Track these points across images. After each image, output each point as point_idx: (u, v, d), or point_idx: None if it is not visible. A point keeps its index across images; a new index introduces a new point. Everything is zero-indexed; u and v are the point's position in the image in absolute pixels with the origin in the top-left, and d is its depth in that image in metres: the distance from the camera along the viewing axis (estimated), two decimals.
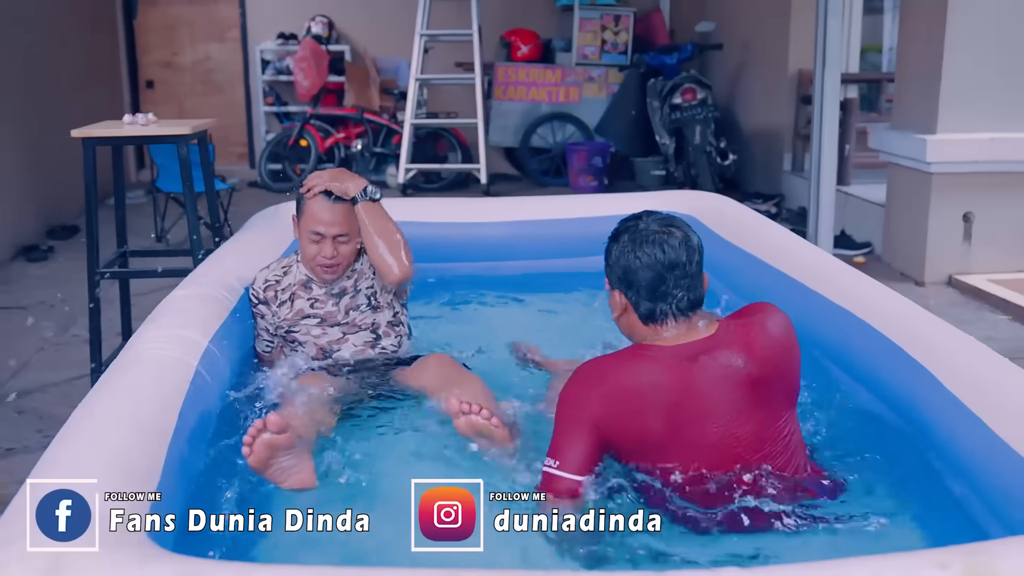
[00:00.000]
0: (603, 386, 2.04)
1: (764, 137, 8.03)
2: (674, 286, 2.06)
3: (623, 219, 2.17)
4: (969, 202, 5.28)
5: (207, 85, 9.62)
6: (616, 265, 2.10)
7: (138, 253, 4.26)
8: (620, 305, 2.12)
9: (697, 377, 2.02)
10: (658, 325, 2.08)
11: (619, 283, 2.10)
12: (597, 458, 2.04)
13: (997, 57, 5.13)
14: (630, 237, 2.08)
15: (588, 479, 2.01)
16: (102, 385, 2.29)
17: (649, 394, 2.01)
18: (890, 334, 2.68)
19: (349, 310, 2.93)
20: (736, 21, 8.43)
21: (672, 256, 2.05)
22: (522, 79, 8.82)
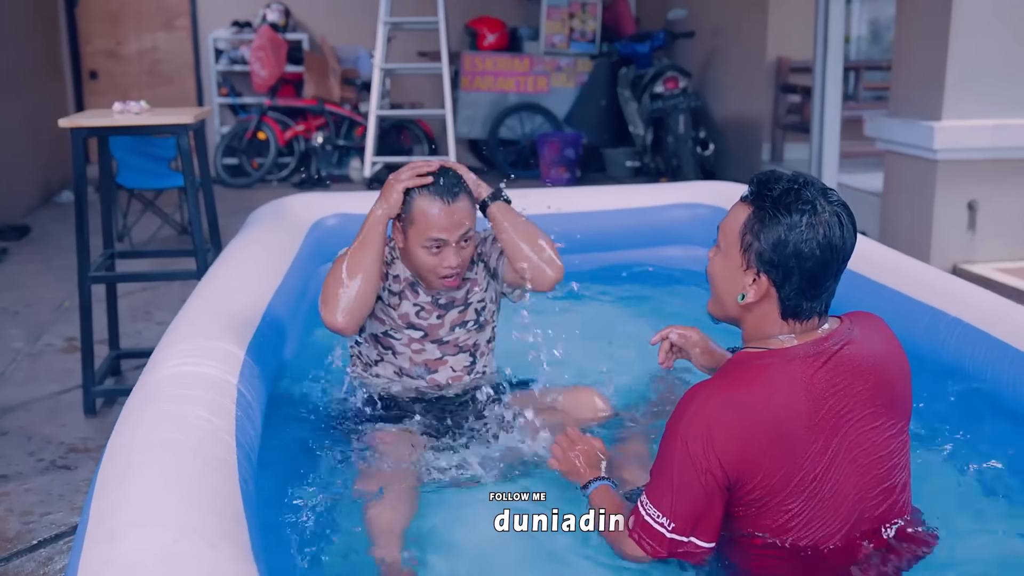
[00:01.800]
0: (734, 425, 1.65)
1: (740, 126, 7.90)
2: (833, 280, 1.71)
3: (770, 183, 1.68)
4: (974, 190, 5.18)
5: (155, 76, 9.15)
6: (778, 244, 1.65)
7: (127, 255, 3.91)
8: (760, 292, 1.70)
9: (831, 376, 1.71)
10: (798, 323, 1.73)
11: (770, 267, 1.67)
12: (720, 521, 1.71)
13: (1001, 43, 5.03)
14: (806, 221, 1.64)
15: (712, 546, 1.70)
16: (142, 410, 1.98)
17: (791, 416, 1.68)
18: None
19: (455, 326, 2.47)
20: (707, 8, 8.29)
21: (849, 245, 1.69)
22: (489, 69, 8.56)
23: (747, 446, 1.64)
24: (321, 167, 8.47)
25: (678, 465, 1.67)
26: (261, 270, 3.00)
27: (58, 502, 2.85)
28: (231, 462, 1.79)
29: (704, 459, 1.65)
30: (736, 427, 1.64)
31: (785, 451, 1.65)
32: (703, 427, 1.65)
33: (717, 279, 1.77)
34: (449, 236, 2.28)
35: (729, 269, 1.73)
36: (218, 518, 1.50)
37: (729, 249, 1.72)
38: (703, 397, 1.69)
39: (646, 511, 1.72)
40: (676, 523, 1.68)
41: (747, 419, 1.65)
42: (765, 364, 1.71)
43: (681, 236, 4.02)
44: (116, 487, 1.61)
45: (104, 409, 3.52)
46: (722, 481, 1.66)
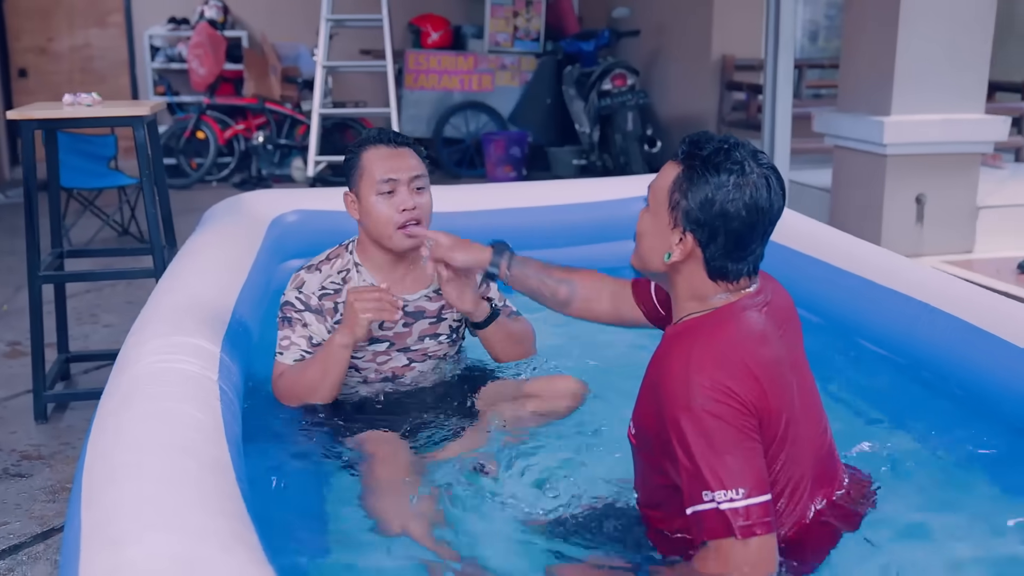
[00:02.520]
0: (741, 368, 1.61)
1: (686, 124, 7.95)
2: (761, 243, 1.69)
3: (701, 143, 1.68)
4: (922, 184, 5.28)
5: (87, 73, 8.88)
6: (705, 203, 1.63)
7: (75, 254, 3.76)
8: (686, 252, 1.68)
9: (773, 323, 1.73)
10: (727, 283, 1.71)
11: (696, 226, 1.65)
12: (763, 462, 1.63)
13: (948, 38, 5.13)
14: (733, 180, 1.63)
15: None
16: (124, 409, 1.88)
17: (772, 352, 1.67)
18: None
19: (425, 336, 2.43)
20: (651, 7, 8.32)
21: (776, 207, 1.67)
22: (433, 67, 8.48)
23: (759, 380, 1.62)
24: (262, 167, 8.30)
25: (712, 435, 1.57)
26: (225, 266, 2.89)
27: (14, 511, 2.71)
28: (225, 460, 1.71)
29: (734, 410, 1.58)
30: (741, 372, 1.61)
31: (779, 387, 1.66)
32: (712, 383, 1.59)
33: (645, 237, 1.76)
34: (399, 175, 2.28)
35: (657, 227, 1.72)
36: (226, 520, 1.42)
37: (658, 208, 1.72)
38: (693, 368, 1.61)
39: (719, 501, 1.55)
40: (753, 488, 1.56)
41: (744, 362, 1.62)
42: (721, 319, 1.70)
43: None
44: (109, 490, 1.51)
45: (55, 414, 3.37)
46: (756, 423, 1.61)
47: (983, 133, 5.28)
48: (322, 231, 3.58)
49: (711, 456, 1.56)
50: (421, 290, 2.43)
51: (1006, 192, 5.92)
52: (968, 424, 2.45)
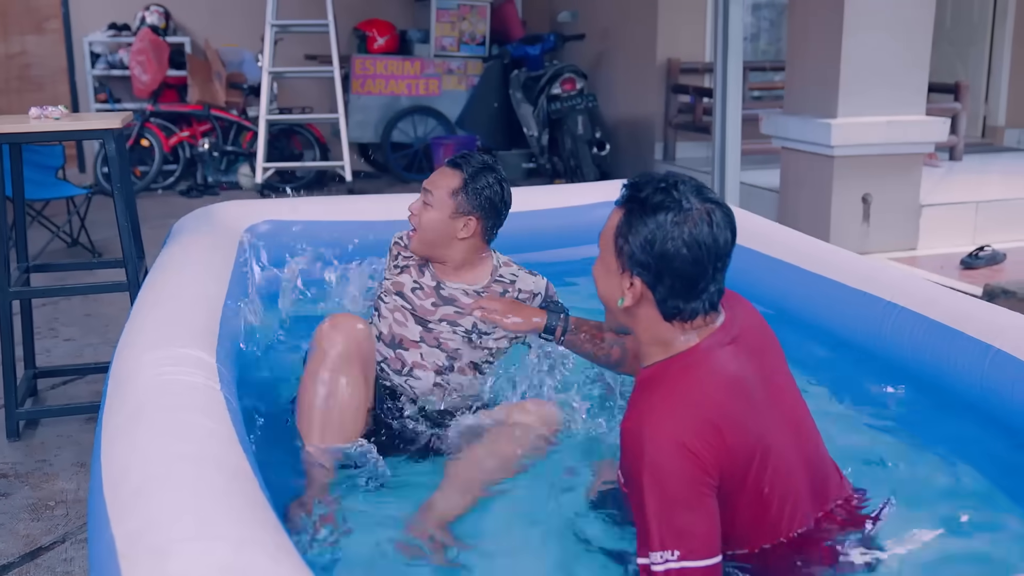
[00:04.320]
0: (702, 423, 1.62)
1: (632, 127, 8.07)
2: (712, 279, 1.67)
3: (640, 185, 1.69)
4: (867, 184, 5.44)
5: (24, 81, 8.69)
6: (646, 247, 1.64)
7: (42, 268, 3.71)
8: (636, 295, 1.69)
9: (742, 357, 1.72)
10: (684, 323, 1.70)
11: (642, 268, 1.66)
12: (718, 524, 1.64)
13: (892, 41, 5.30)
14: (673, 216, 1.62)
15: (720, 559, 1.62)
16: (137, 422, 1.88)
17: (735, 398, 1.67)
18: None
19: (444, 320, 2.55)
20: (595, 11, 8.43)
21: (721, 242, 1.65)
22: (380, 72, 8.47)
23: (721, 432, 1.62)
24: (208, 174, 8.21)
25: (663, 494, 1.59)
26: (205, 278, 2.89)
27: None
28: (247, 469, 1.73)
29: (689, 468, 1.59)
30: (699, 426, 1.61)
31: (747, 430, 1.66)
32: (670, 443, 1.60)
33: (599, 285, 1.78)
34: (424, 184, 2.57)
35: (608, 275, 1.73)
36: (264, 529, 1.45)
37: (606, 255, 1.73)
38: (650, 421, 1.63)
39: (654, 562, 1.58)
40: (693, 551, 1.58)
41: (703, 414, 1.62)
42: (684, 365, 1.70)
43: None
44: (139, 503, 1.53)
45: (27, 431, 3.32)
46: (714, 483, 1.62)
47: (925, 134, 5.46)
48: (294, 240, 3.60)
49: (658, 515, 1.58)
50: (462, 284, 2.58)
51: (945, 190, 6.14)
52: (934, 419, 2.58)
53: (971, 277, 4.99)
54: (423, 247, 2.55)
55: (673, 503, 1.58)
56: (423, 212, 2.52)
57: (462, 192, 2.49)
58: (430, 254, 2.57)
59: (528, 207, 3.99)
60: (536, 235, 3.90)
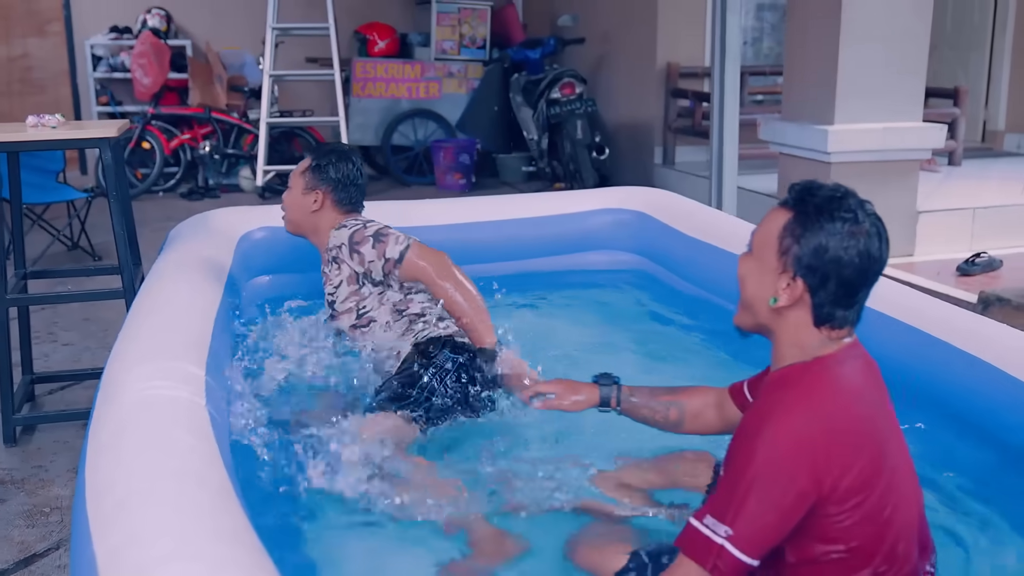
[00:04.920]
0: (830, 433, 1.62)
1: (632, 131, 8.08)
2: (866, 291, 1.71)
3: (813, 190, 1.71)
4: (865, 190, 5.38)
5: (26, 84, 8.72)
6: (818, 252, 1.66)
7: (40, 274, 3.73)
8: (794, 296, 1.70)
9: (871, 378, 1.74)
10: (831, 331, 1.72)
11: (808, 271, 1.67)
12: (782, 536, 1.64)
13: (888, 49, 5.32)
14: (848, 228, 1.65)
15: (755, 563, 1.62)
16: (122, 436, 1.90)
17: (870, 414, 1.68)
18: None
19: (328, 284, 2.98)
20: (595, 15, 8.44)
21: (885, 258, 1.71)
22: (381, 75, 8.50)
23: (844, 450, 1.62)
24: (209, 176, 8.24)
25: (761, 477, 1.60)
26: (200, 287, 2.91)
27: None
28: (228, 487, 1.75)
29: (795, 471, 1.59)
30: (827, 436, 1.61)
31: (869, 447, 1.65)
32: (792, 440, 1.60)
33: (748, 283, 1.77)
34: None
35: (762, 272, 1.74)
36: (244, 549, 1.47)
37: (764, 252, 1.73)
38: (782, 414, 1.63)
39: (708, 527, 1.61)
40: (743, 540, 1.59)
41: (834, 425, 1.63)
42: (820, 369, 1.71)
43: (605, 242, 4.10)
44: (121, 519, 1.55)
45: (24, 437, 3.35)
46: (812, 497, 1.61)
47: (922, 140, 5.48)
48: (290, 247, 3.62)
49: (743, 490, 1.59)
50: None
51: (941, 196, 6.14)
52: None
53: (967, 284, 5.00)
54: (291, 226, 3.06)
55: (763, 489, 1.59)
56: (285, 196, 3.04)
57: (309, 171, 3.00)
58: (298, 231, 3.05)
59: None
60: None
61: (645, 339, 3.42)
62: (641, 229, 3.99)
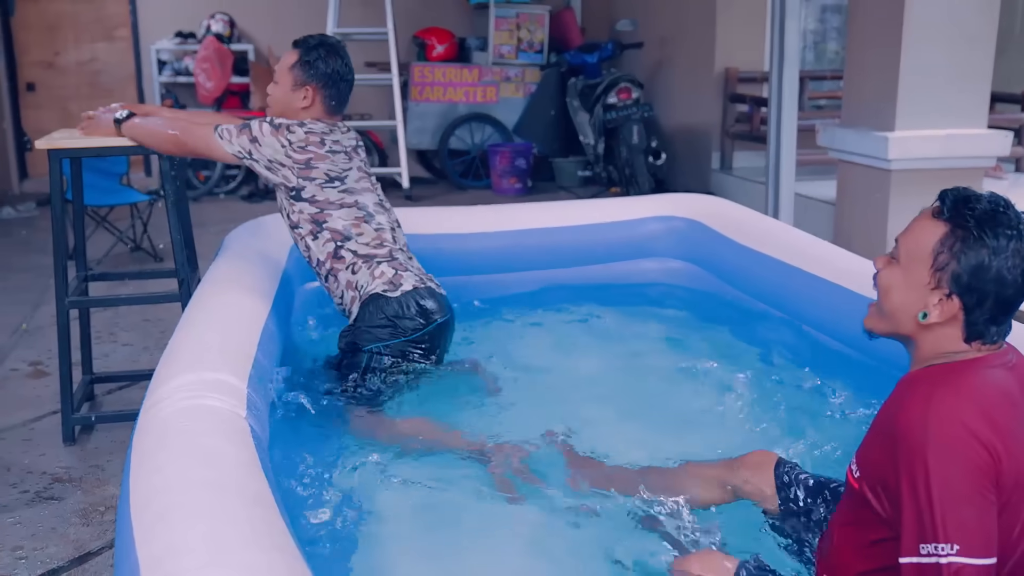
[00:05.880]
0: (982, 417, 1.54)
1: (690, 136, 8.02)
2: (1019, 307, 1.64)
3: (970, 200, 1.63)
4: (926, 199, 5.28)
5: (94, 87, 8.94)
6: (980, 269, 1.58)
7: (101, 277, 3.82)
8: (947, 314, 1.62)
9: (1020, 385, 1.65)
10: (981, 345, 1.65)
11: (965, 290, 1.60)
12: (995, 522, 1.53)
13: (952, 52, 5.19)
14: (1012, 245, 1.57)
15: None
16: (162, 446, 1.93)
17: (1017, 416, 1.59)
18: None
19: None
20: (653, 19, 8.40)
21: None
22: (439, 79, 8.55)
23: (999, 433, 1.54)
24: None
25: (948, 483, 1.50)
26: (250, 296, 2.95)
27: (49, 535, 2.78)
28: (267, 495, 1.77)
29: (973, 457, 1.51)
30: (986, 419, 1.54)
31: (1019, 450, 1.57)
32: (959, 428, 1.52)
33: (894, 293, 1.69)
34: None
35: (911, 285, 1.65)
36: (281, 555, 1.49)
37: (915, 265, 1.65)
38: (936, 406, 1.55)
39: (937, 554, 1.48)
40: (973, 549, 1.48)
41: (989, 412, 1.55)
42: (964, 367, 1.63)
43: (655, 249, 4.07)
44: (162, 527, 1.58)
45: (82, 437, 3.44)
46: (995, 474, 1.52)
47: (986, 148, 5.34)
48: None
49: (942, 503, 1.50)
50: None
51: None
52: None
53: None
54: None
55: (957, 492, 1.49)
56: (271, 89, 2.94)
57: (298, 66, 2.89)
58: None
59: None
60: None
61: (690, 347, 3.40)
62: (692, 236, 3.95)
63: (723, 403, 2.90)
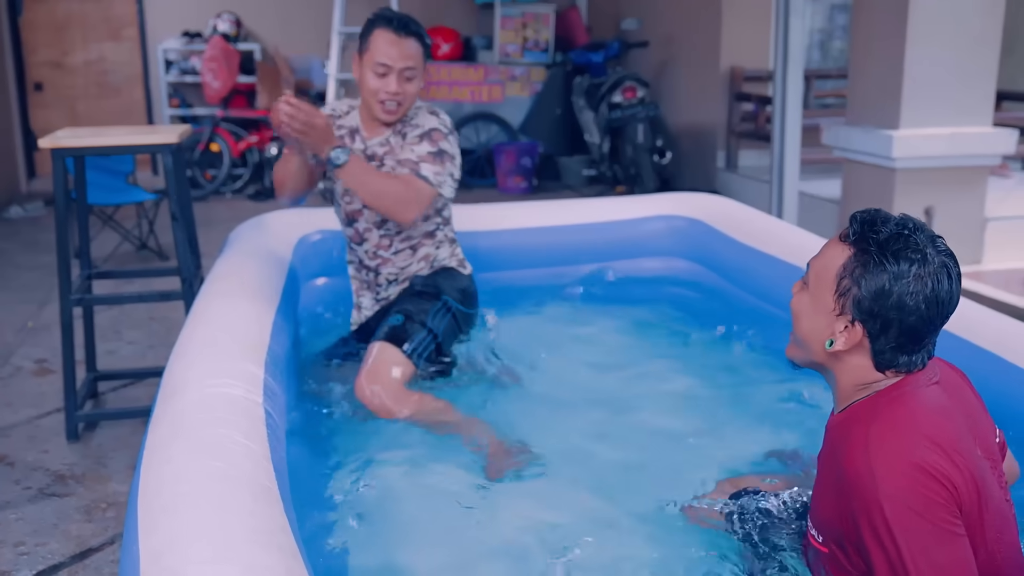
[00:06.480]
0: (925, 443, 1.49)
1: (695, 135, 8.02)
2: (933, 334, 1.56)
3: (875, 224, 1.55)
4: (930, 197, 5.34)
5: (102, 87, 8.98)
6: (880, 294, 1.52)
7: (105, 275, 3.84)
8: (851, 342, 1.57)
9: (947, 397, 1.61)
10: (896, 374, 1.59)
11: (868, 316, 1.54)
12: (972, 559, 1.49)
13: (956, 51, 5.19)
14: (913, 272, 1.50)
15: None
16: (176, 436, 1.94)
17: (956, 429, 1.56)
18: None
19: None
20: (659, 18, 8.40)
21: (957, 299, 1.54)
22: (444, 78, 8.57)
23: (946, 454, 1.49)
24: None
25: (910, 529, 1.45)
26: (258, 289, 2.96)
27: (52, 531, 2.79)
28: (275, 491, 1.78)
29: (928, 492, 1.46)
30: (929, 446, 1.49)
31: (968, 462, 1.53)
32: (906, 467, 1.47)
33: (803, 320, 1.65)
34: (393, 63, 2.71)
35: (817, 311, 1.61)
36: (280, 554, 1.49)
37: (820, 290, 1.60)
38: (876, 452, 1.49)
39: None
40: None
41: (929, 435, 1.50)
42: (891, 399, 1.58)
43: (657, 248, 4.08)
44: (165, 520, 1.58)
45: (86, 433, 3.45)
46: (958, 510, 1.48)
47: (991, 146, 5.33)
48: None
49: (912, 554, 1.44)
50: (378, 137, 2.87)
51: (1014, 203, 5.97)
52: None
53: None
54: (399, 114, 2.82)
55: (922, 537, 1.44)
56: (408, 85, 2.78)
57: (422, 57, 2.84)
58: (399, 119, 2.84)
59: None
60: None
61: (688, 345, 3.40)
62: (694, 235, 3.95)
63: (721, 401, 2.90)
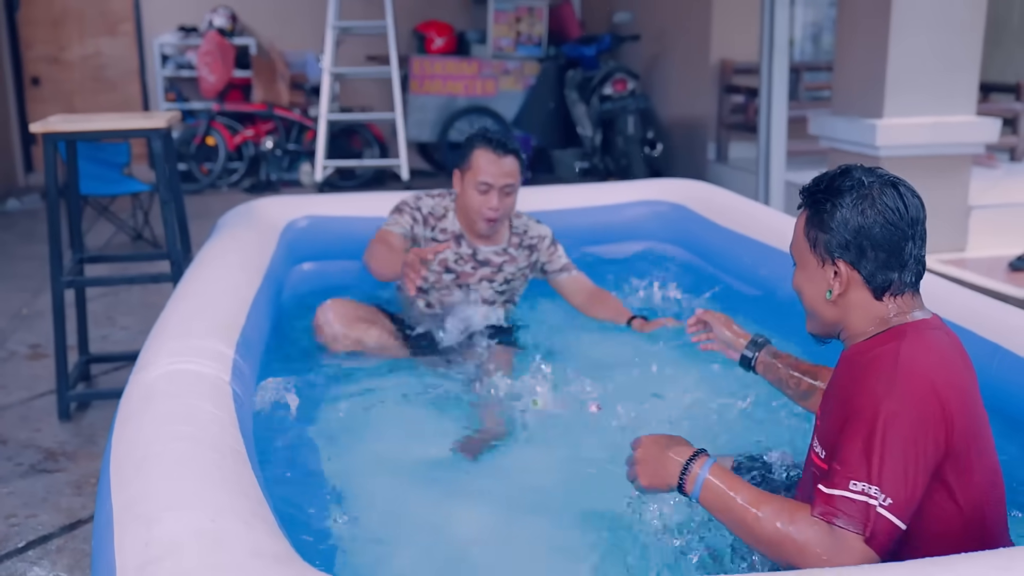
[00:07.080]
0: (947, 375, 1.58)
1: (686, 127, 8.09)
2: (915, 246, 1.67)
3: (815, 181, 1.73)
4: (914, 185, 5.37)
5: (99, 82, 9.05)
6: (841, 230, 1.65)
7: (93, 259, 3.91)
8: (844, 280, 1.69)
9: (958, 348, 1.69)
10: (895, 299, 1.69)
11: (844, 251, 1.67)
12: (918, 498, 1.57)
13: (938, 41, 5.25)
14: (857, 194, 1.64)
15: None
16: (147, 405, 2.01)
17: (966, 377, 1.64)
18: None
19: (483, 280, 3.14)
20: (651, 12, 8.46)
21: (911, 206, 1.66)
22: (438, 72, 8.63)
23: (942, 400, 1.57)
24: (271, 172, 8.46)
25: (898, 433, 1.53)
26: (240, 272, 3.03)
27: (41, 504, 2.86)
28: (241, 450, 1.85)
29: (930, 422, 1.55)
30: (948, 378, 1.59)
31: (965, 412, 1.61)
32: (925, 384, 1.56)
33: (803, 291, 1.78)
34: (495, 181, 2.96)
35: (809, 275, 1.75)
36: (245, 499, 1.56)
37: (803, 257, 1.75)
38: (906, 361, 1.58)
39: (863, 493, 1.52)
40: (900, 506, 1.52)
41: (928, 374, 1.58)
42: (907, 331, 1.66)
43: (641, 232, 4.14)
44: (137, 476, 1.66)
45: (78, 413, 3.52)
46: (941, 452, 1.56)
47: (974, 135, 5.40)
48: (332, 236, 3.74)
49: (882, 451, 1.53)
50: (492, 246, 3.15)
51: (998, 192, 6.05)
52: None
53: (1018, 280, 4.93)
54: (498, 224, 3.06)
55: (904, 445, 1.53)
56: (508, 200, 3.02)
57: (519, 173, 3.03)
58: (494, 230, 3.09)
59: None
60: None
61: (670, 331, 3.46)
62: (677, 221, 4.02)
63: (704, 382, 2.94)
